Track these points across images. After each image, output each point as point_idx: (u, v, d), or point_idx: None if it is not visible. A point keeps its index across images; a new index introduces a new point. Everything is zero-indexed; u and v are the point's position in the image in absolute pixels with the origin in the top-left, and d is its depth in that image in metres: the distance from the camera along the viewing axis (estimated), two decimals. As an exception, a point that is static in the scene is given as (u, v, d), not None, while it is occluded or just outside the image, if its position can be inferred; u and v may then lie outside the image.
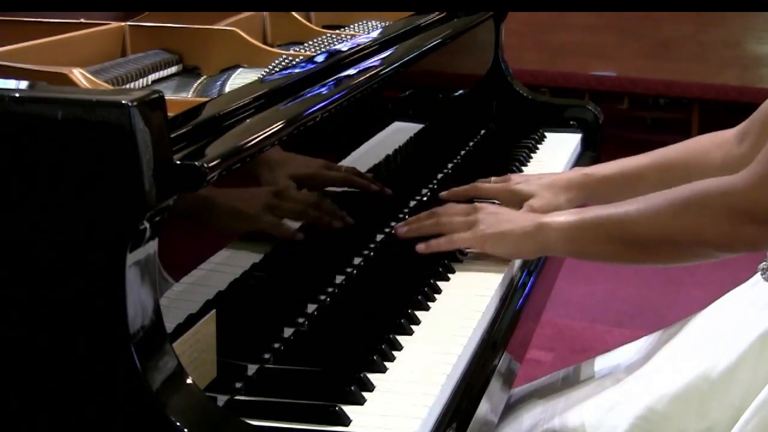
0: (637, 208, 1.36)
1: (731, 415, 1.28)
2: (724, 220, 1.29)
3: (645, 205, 1.36)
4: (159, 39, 1.51)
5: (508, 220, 1.45)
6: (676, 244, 1.35)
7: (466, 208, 1.49)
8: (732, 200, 1.28)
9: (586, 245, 1.41)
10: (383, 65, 1.50)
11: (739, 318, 1.35)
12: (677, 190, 1.34)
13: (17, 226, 0.93)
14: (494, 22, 2.21)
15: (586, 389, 1.47)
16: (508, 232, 1.44)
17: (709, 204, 1.30)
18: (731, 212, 1.28)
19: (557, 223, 1.41)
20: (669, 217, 1.33)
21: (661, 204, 1.35)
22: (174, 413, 0.92)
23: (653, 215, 1.35)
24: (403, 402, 1.10)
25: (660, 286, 3.47)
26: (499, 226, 1.44)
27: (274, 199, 1.24)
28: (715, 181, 1.32)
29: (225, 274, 1.14)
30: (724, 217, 1.29)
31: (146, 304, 0.95)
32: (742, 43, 4.83)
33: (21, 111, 0.91)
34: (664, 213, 1.34)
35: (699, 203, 1.31)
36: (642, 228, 1.36)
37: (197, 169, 0.97)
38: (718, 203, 1.29)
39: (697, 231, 1.31)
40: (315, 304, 1.32)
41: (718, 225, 1.29)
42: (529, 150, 2.03)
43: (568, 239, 1.41)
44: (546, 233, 1.41)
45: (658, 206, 1.35)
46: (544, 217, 1.43)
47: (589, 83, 5.03)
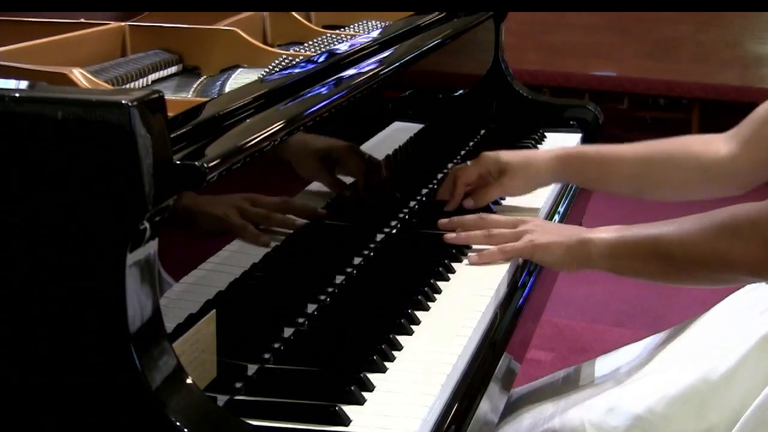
0: (673, 230, 1.38)
1: (730, 418, 1.28)
2: (754, 247, 1.29)
3: (680, 228, 1.37)
4: (159, 39, 1.51)
5: (555, 232, 1.49)
6: (709, 268, 1.36)
7: (513, 220, 1.53)
8: (760, 227, 1.29)
9: (625, 263, 1.43)
10: (383, 65, 1.50)
11: (740, 321, 1.35)
12: (711, 215, 1.35)
13: (17, 225, 0.93)
14: (494, 22, 2.21)
15: (586, 390, 1.47)
16: (555, 244, 1.46)
17: (740, 231, 1.31)
18: (760, 239, 1.29)
19: (599, 240, 1.43)
20: (701, 242, 1.34)
21: (694, 228, 1.36)
22: (174, 413, 0.92)
23: (686, 239, 1.36)
24: (403, 402, 1.10)
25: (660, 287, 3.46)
26: (547, 237, 1.47)
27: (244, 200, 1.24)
28: (745, 207, 1.32)
29: (225, 274, 1.14)
30: (753, 244, 1.29)
31: (146, 304, 0.95)
32: (742, 43, 4.83)
33: (21, 111, 0.91)
34: (698, 236, 1.35)
35: (730, 230, 1.32)
36: (677, 250, 1.36)
37: (197, 169, 0.97)
38: (749, 231, 1.30)
39: (729, 257, 1.32)
40: (315, 304, 1.32)
41: (749, 251, 1.30)
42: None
43: (608, 256, 1.42)
44: (588, 248, 1.43)
45: (692, 230, 1.36)
46: (589, 233, 1.45)
47: (589, 83, 5.03)
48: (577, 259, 1.45)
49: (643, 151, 1.69)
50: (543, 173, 1.71)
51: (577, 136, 2.16)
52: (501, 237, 1.50)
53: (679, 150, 1.66)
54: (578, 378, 1.54)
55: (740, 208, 1.33)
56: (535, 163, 1.70)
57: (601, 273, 1.46)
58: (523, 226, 1.50)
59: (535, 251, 1.47)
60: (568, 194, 1.87)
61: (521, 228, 1.50)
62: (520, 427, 1.47)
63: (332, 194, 1.41)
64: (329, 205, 1.39)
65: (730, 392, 1.29)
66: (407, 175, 1.73)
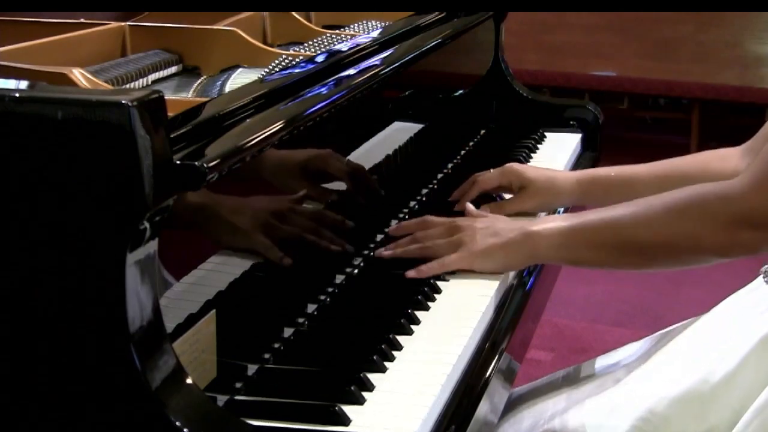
0: (633, 211, 1.35)
1: (730, 419, 1.28)
2: (722, 225, 1.28)
3: (640, 209, 1.34)
4: (159, 39, 1.51)
5: (493, 233, 1.43)
6: (673, 249, 1.34)
7: (447, 229, 1.46)
8: (730, 206, 1.27)
9: (579, 251, 1.39)
10: (383, 65, 1.50)
11: (740, 321, 1.35)
12: (674, 194, 1.33)
13: (17, 226, 0.93)
14: (494, 22, 2.21)
15: (586, 390, 1.47)
16: (496, 246, 1.41)
17: (707, 209, 1.29)
18: (729, 218, 1.27)
19: (546, 230, 1.39)
20: (666, 222, 1.32)
21: (657, 209, 1.33)
22: (174, 413, 0.92)
23: (650, 220, 1.33)
24: (403, 402, 1.10)
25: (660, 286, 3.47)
26: (486, 241, 1.42)
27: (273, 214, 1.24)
28: (712, 186, 1.31)
29: (225, 274, 1.14)
30: (722, 222, 1.28)
31: (146, 304, 0.95)
32: (742, 43, 4.83)
33: (21, 111, 0.91)
34: (661, 218, 1.32)
35: (697, 209, 1.30)
36: (638, 233, 1.34)
37: (197, 169, 0.97)
38: (716, 209, 1.28)
39: (695, 237, 1.30)
40: (315, 304, 1.32)
41: (716, 231, 1.28)
42: (529, 150, 2.02)
43: (558, 246, 1.39)
44: (535, 241, 1.40)
45: (655, 211, 1.33)
46: (532, 226, 1.41)
47: (589, 83, 5.02)
48: (522, 255, 1.41)
49: (661, 171, 1.65)
50: (564, 197, 1.68)
51: (577, 136, 2.16)
52: (436, 250, 1.44)
53: (695, 168, 1.63)
54: (578, 378, 1.53)
55: (705, 187, 1.31)
56: (558, 186, 1.67)
57: (601, 273, 1.46)
58: (458, 233, 1.44)
59: (475, 260, 1.41)
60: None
61: (456, 236, 1.44)
62: (520, 428, 1.47)
63: (332, 194, 1.41)
64: (330, 205, 1.39)
65: (730, 393, 1.29)
66: (407, 175, 1.73)
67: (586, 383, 1.49)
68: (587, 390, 1.46)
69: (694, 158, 1.67)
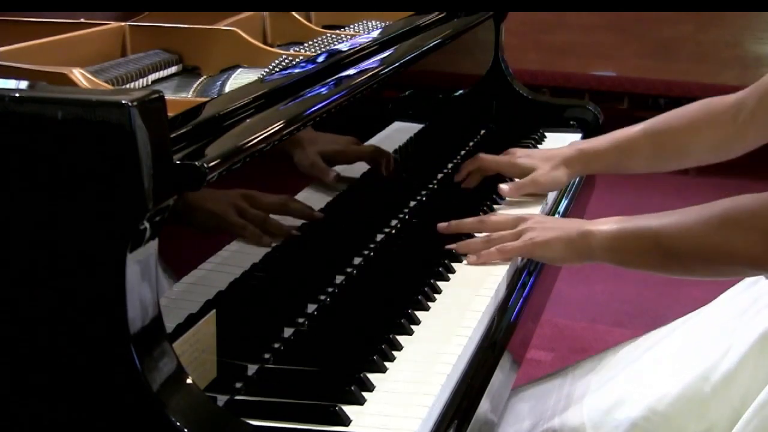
0: (674, 221, 1.37)
1: (730, 416, 1.28)
2: (755, 239, 1.29)
3: (681, 219, 1.37)
4: (159, 39, 1.51)
5: (554, 227, 1.48)
6: (709, 260, 1.35)
7: (512, 220, 1.52)
8: (761, 219, 1.28)
9: (626, 255, 1.42)
10: (383, 65, 1.50)
11: (740, 317, 1.35)
12: (713, 206, 1.34)
13: (17, 226, 0.93)
14: (494, 22, 2.21)
15: (586, 388, 1.47)
16: (555, 239, 1.45)
17: (740, 223, 1.30)
18: (761, 231, 1.28)
19: (600, 232, 1.42)
20: (702, 234, 1.34)
21: (696, 220, 1.35)
22: (174, 413, 0.92)
23: (689, 230, 1.35)
24: (403, 402, 1.10)
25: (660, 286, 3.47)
26: (546, 233, 1.46)
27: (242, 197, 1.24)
28: (746, 199, 1.32)
29: (225, 274, 1.14)
30: (755, 236, 1.29)
31: (146, 304, 0.95)
32: (742, 43, 4.82)
33: (21, 111, 0.91)
34: (699, 228, 1.34)
35: (732, 222, 1.31)
36: (678, 242, 1.36)
37: (197, 169, 0.97)
38: (749, 223, 1.30)
39: (730, 249, 1.31)
40: (315, 304, 1.32)
41: (750, 244, 1.29)
42: (529, 150, 2.02)
43: (609, 248, 1.42)
44: (589, 241, 1.43)
45: (694, 222, 1.35)
46: (589, 225, 1.45)
47: (589, 83, 5.02)
48: (578, 252, 1.44)
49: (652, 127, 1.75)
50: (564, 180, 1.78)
51: (577, 136, 2.15)
52: (500, 240, 1.49)
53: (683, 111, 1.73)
54: (579, 377, 1.54)
55: (740, 199, 1.32)
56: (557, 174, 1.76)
57: (601, 273, 1.47)
58: (522, 224, 1.50)
59: (535, 249, 1.46)
60: (569, 193, 1.87)
61: (520, 227, 1.49)
62: (520, 427, 1.47)
63: (332, 194, 1.41)
64: (329, 205, 1.39)
65: (730, 391, 1.29)
66: (407, 175, 1.73)
67: (587, 382, 1.50)
68: (588, 388, 1.46)
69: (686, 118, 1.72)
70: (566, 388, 1.51)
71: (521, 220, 1.51)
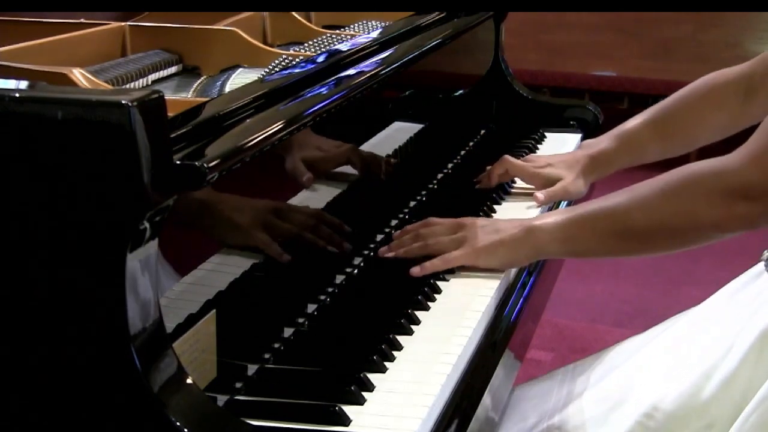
0: (629, 197, 1.36)
1: (731, 412, 1.28)
2: (718, 200, 1.28)
3: (635, 195, 1.36)
4: (159, 39, 1.51)
5: (496, 230, 1.45)
6: (673, 230, 1.34)
7: (450, 226, 1.48)
8: (725, 180, 1.28)
9: (580, 243, 1.40)
10: (383, 65, 1.50)
11: (742, 312, 1.35)
12: (667, 176, 1.34)
13: (17, 226, 0.93)
14: (494, 22, 2.21)
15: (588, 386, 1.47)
16: (499, 242, 1.43)
17: (702, 186, 1.29)
18: (725, 192, 1.27)
19: (547, 225, 1.41)
20: (662, 204, 1.33)
21: (652, 191, 1.34)
22: (174, 413, 0.92)
23: (645, 204, 1.34)
24: (403, 402, 1.10)
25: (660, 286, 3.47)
26: (488, 237, 1.43)
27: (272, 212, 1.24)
28: (705, 163, 1.31)
29: (225, 274, 1.14)
30: (718, 197, 1.28)
31: (146, 304, 0.95)
32: (742, 43, 4.83)
33: (21, 111, 0.91)
34: (657, 200, 1.33)
35: (692, 186, 1.30)
36: (635, 218, 1.35)
37: (197, 169, 0.97)
38: (711, 184, 1.29)
39: (692, 214, 1.30)
40: (315, 304, 1.32)
41: (713, 206, 1.28)
42: (529, 150, 2.02)
43: (560, 239, 1.40)
44: (536, 236, 1.41)
45: (650, 194, 1.34)
46: (533, 221, 1.43)
47: (589, 83, 5.03)
48: (526, 250, 1.43)
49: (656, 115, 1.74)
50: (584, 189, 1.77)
51: (577, 136, 2.16)
52: (437, 245, 1.45)
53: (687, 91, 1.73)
54: (579, 375, 1.53)
55: (698, 165, 1.32)
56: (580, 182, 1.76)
57: (601, 273, 1.46)
58: (461, 231, 1.46)
59: (479, 256, 1.43)
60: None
61: (459, 234, 1.46)
62: (524, 425, 1.47)
63: (332, 194, 1.41)
64: (329, 205, 1.39)
65: (731, 388, 1.29)
66: (407, 175, 1.73)
67: (588, 380, 1.49)
68: (589, 386, 1.46)
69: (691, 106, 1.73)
70: (567, 386, 1.51)
71: (461, 227, 1.47)
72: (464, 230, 1.46)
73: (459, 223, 1.48)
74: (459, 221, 1.48)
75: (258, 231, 1.21)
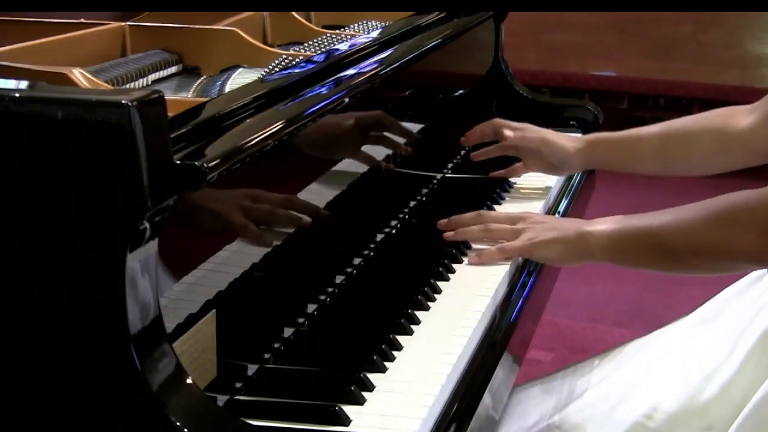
0: (674, 218, 1.38)
1: (732, 414, 1.28)
2: (753, 234, 1.29)
3: (680, 217, 1.37)
4: (159, 39, 1.51)
5: (553, 228, 1.48)
6: (708, 257, 1.36)
7: (511, 217, 1.53)
8: (760, 215, 1.29)
9: (626, 255, 1.43)
10: (383, 65, 1.50)
11: (743, 314, 1.35)
12: (711, 202, 1.35)
13: (17, 226, 0.93)
14: (494, 22, 2.21)
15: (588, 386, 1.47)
16: (554, 240, 1.46)
17: (739, 219, 1.31)
18: (760, 226, 1.29)
19: (598, 233, 1.43)
20: (701, 231, 1.34)
21: (694, 216, 1.36)
22: (174, 413, 0.92)
23: (687, 228, 1.36)
24: (403, 402, 1.10)
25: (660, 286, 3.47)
26: (546, 234, 1.47)
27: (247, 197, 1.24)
28: (745, 194, 1.32)
29: (225, 274, 1.14)
30: (753, 231, 1.29)
31: (146, 304, 0.95)
32: (742, 43, 4.83)
33: (21, 111, 0.91)
34: (697, 226, 1.35)
35: (729, 218, 1.32)
36: (676, 240, 1.37)
37: (197, 169, 0.97)
38: (747, 218, 1.30)
39: (729, 245, 1.32)
40: (315, 304, 1.32)
41: (748, 239, 1.30)
42: (529, 150, 2.02)
43: (608, 249, 1.42)
44: (587, 242, 1.43)
45: (692, 219, 1.36)
46: (587, 225, 1.45)
47: (589, 83, 5.02)
48: (577, 253, 1.45)
49: (662, 129, 1.73)
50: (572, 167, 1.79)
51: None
52: (498, 232, 1.50)
53: (697, 124, 1.70)
54: (579, 375, 1.54)
55: (738, 196, 1.33)
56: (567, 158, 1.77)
57: (601, 273, 1.47)
58: (521, 223, 1.50)
59: (535, 249, 1.47)
60: (569, 192, 1.87)
61: (519, 225, 1.50)
62: (525, 423, 1.47)
63: (332, 194, 1.41)
64: (329, 205, 1.39)
65: (732, 390, 1.29)
66: (407, 176, 1.73)
67: (589, 379, 1.50)
68: (590, 386, 1.46)
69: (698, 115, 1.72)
70: (568, 385, 1.51)
71: (520, 219, 1.51)
72: (523, 222, 1.50)
73: (518, 216, 1.53)
74: (517, 214, 1.54)
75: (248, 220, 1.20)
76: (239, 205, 1.17)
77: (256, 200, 1.21)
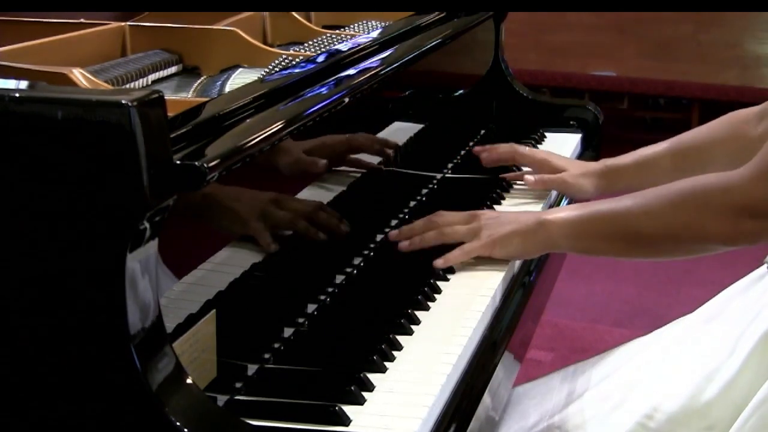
0: (639, 203, 1.37)
1: (732, 414, 1.28)
2: (725, 216, 1.29)
3: (646, 201, 1.37)
4: (159, 39, 1.51)
5: (510, 221, 1.46)
6: (678, 240, 1.36)
7: (465, 216, 1.49)
8: (732, 196, 1.29)
9: (588, 241, 1.41)
10: (383, 65, 1.50)
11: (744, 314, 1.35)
12: (678, 186, 1.35)
13: (17, 226, 0.93)
14: (494, 22, 2.21)
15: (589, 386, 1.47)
16: (513, 234, 1.44)
17: (710, 201, 1.31)
18: (732, 208, 1.29)
19: (560, 220, 1.42)
20: (670, 214, 1.34)
21: (662, 200, 1.35)
22: (174, 413, 0.92)
23: (655, 212, 1.35)
24: (403, 402, 1.10)
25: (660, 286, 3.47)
26: (503, 228, 1.45)
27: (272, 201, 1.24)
28: (714, 177, 1.33)
29: (225, 274, 1.14)
30: (724, 213, 1.30)
31: (146, 304, 0.95)
32: (742, 43, 4.83)
33: (21, 111, 0.91)
34: (666, 209, 1.34)
35: (700, 200, 1.32)
36: (644, 224, 1.36)
37: (197, 169, 0.97)
38: (719, 200, 1.30)
39: (699, 227, 1.32)
40: (315, 304, 1.32)
41: (720, 221, 1.30)
42: (529, 150, 2.02)
43: (570, 236, 1.41)
44: (549, 230, 1.42)
45: (660, 202, 1.35)
46: (546, 215, 1.44)
47: (589, 83, 5.03)
48: (538, 243, 1.44)
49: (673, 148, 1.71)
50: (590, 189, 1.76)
51: (577, 136, 2.16)
52: (454, 234, 1.47)
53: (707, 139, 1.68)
54: (580, 375, 1.54)
55: (707, 179, 1.33)
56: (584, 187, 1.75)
57: (601, 273, 1.47)
58: (475, 222, 1.47)
59: (495, 246, 1.45)
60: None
61: (474, 224, 1.47)
62: (526, 423, 1.47)
63: (332, 194, 1.41)
64: (329, 205, 1.39)
65: (733, 390, 1.29)
66: (407, 176, 1.73)
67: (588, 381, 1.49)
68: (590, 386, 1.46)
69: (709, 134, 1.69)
70: (568, 385, 1.51)
71: (473, 217, 1.48)
72: (477, 221, 1.47)
73: (471, 214, 1.49)
74: (470, 212, 1.50)
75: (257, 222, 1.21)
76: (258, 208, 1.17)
77: (278, 205, 1.22)
